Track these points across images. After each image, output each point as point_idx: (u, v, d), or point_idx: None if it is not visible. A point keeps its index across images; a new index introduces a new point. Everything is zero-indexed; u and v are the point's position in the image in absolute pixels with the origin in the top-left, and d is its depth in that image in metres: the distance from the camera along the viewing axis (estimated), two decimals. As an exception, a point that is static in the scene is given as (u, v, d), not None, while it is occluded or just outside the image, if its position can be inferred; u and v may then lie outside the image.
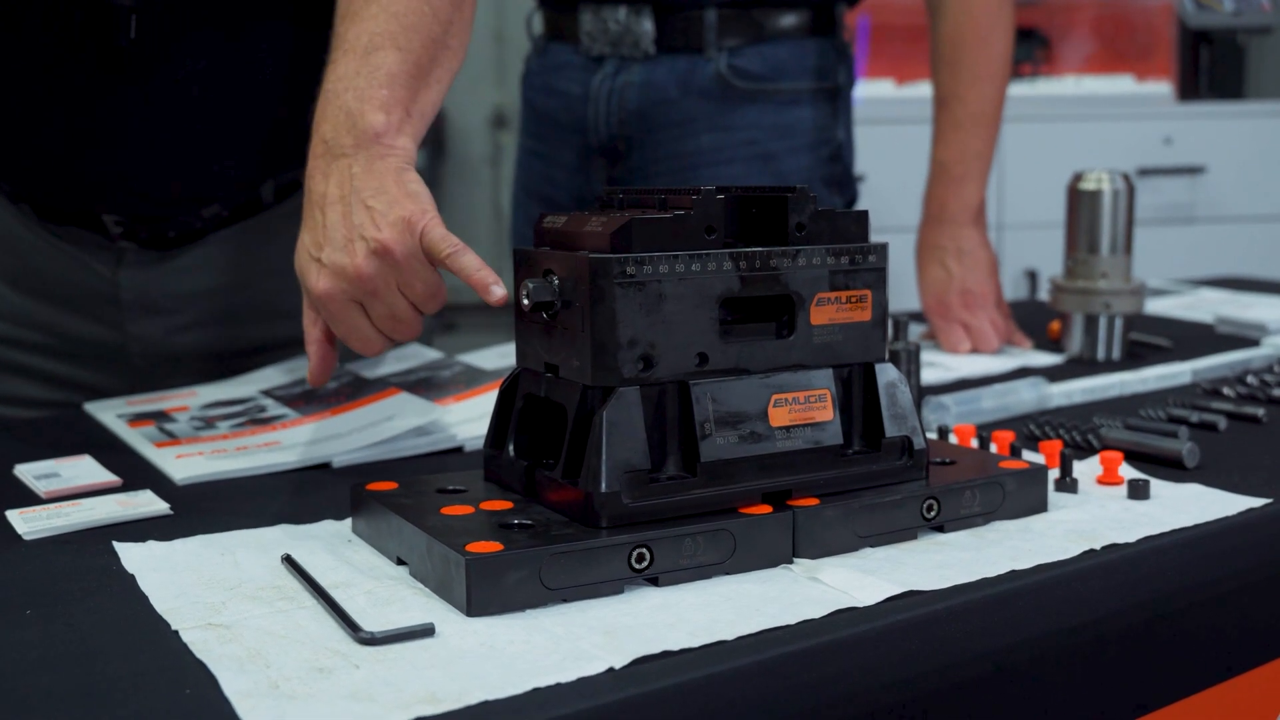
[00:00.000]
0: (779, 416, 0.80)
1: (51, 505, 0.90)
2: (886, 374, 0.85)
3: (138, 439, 1.09)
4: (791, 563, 0.78)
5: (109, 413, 1.20)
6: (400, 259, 0.92)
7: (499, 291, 0.88)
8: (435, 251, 0.92)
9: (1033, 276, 2.89)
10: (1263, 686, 0.86)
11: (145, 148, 1.20)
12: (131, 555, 0.80)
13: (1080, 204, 1.45)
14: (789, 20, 1.65)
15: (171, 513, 0.90)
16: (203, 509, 0.91)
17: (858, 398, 0.85)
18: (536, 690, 0.60)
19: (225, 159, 1.24)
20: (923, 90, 3.15)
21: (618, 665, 0.62)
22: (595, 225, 0.78)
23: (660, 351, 0.77)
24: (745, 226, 0.82)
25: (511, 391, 0.86)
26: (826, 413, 0.82)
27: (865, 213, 0.84)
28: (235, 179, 1.26)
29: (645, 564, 0.73)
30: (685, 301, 0.77)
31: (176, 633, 0.67)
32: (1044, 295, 2.30)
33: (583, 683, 0.61)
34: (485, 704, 0.59)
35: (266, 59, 1.21)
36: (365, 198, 0.94)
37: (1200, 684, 0.82)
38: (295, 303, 1.02)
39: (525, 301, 0.79)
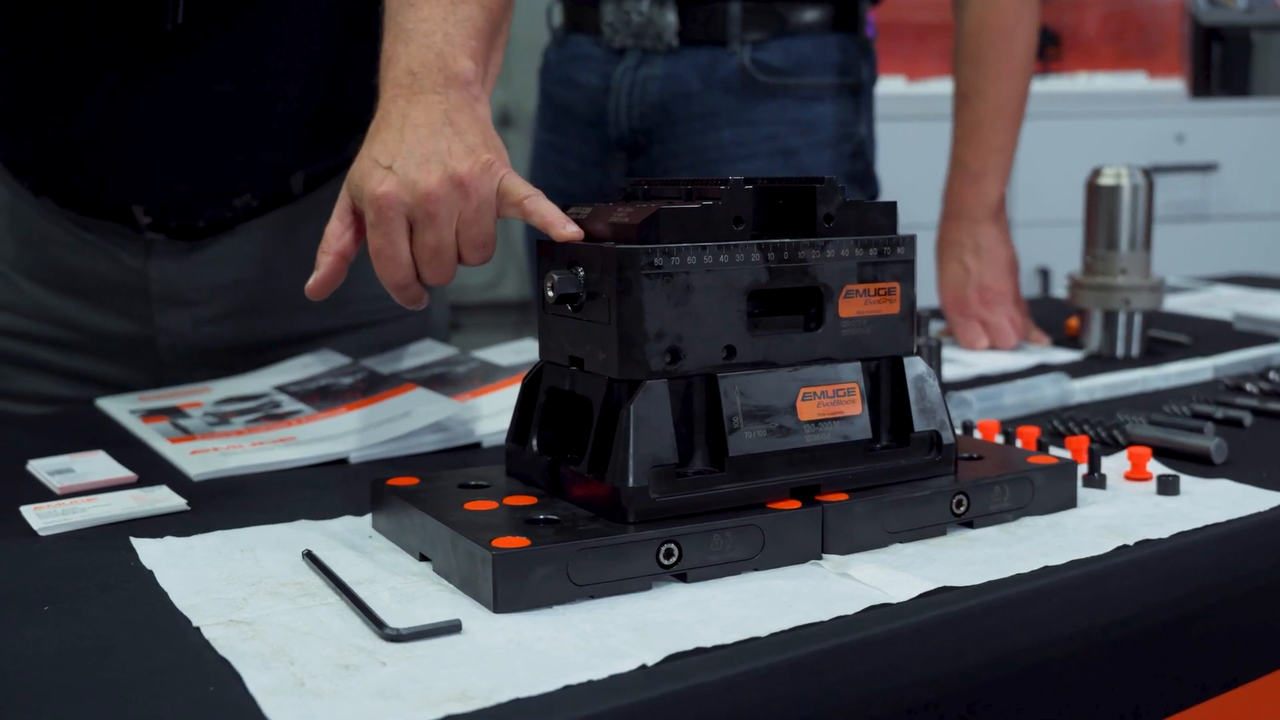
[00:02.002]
0: (807, 410, 0.79)
1: (67, 501, 0.89)
2: (915, 367, 0.84)
3: (151, 435, 1.08)
4: (820, 558, 0.76)
5: (121, 408, 1.18)
6: (473, 195, 0.89)
7: (574, 229, 0.83)
8: (514, 193, 0.89)
9: (1045, 274, 2.88)
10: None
11: (180, 137, 1.19)
12: (150, 551, 0.79)
13: (1099, 199, 1.43)
14: (812, 15, 1.63)
15: (188, 508, 0.89)
16: (220, 505, 0.90)
17: (886, 391, 0.83)
18: (568, 688, 0.59)
19: (260, 148, 1.23)
20: (934, 87, 3.14)
21: (650, 662, 0.61)
22: (621, 216, 0.77)
23: (688, 344, 0.75)
24: (772, 218, 0.80)
25: (534, 385, 0.85)
26: (855, 407, 0.81)
27: (893, 204, 0.83)
28: (268, 169, 1.25)
29: (674, 560, 0.72)
30: (713, 293, 0.76)
31: (198, 629, 0.66)
32: (1057, 292, 2.29)
33: (615, 680, 0.60)
34: (516, 701, 0.57)
35: (306, 47, 1.20)
36: (456, 130, 0.91)
37: (1235, 680, 0.81)
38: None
39: (550, 294, 0.78)
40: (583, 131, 1.70)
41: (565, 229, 0.81)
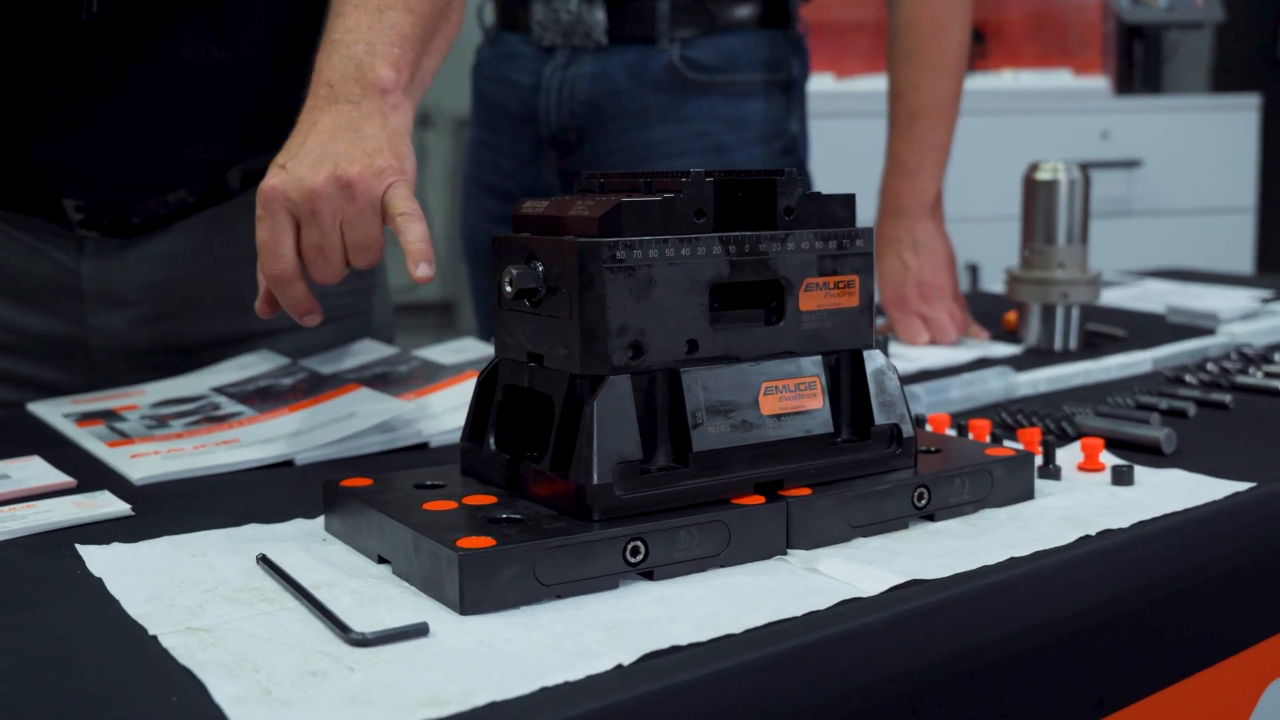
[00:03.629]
0: (770, 405, 0.78)
1: (5, 508, 0.86)
2: (875, 360, 0.83)
3: (88, 439, 1.05)
4: (785, 554, 0.76)
5: (55, 412, 1.15)
6: (358, 198, 0.91)
7: (426, 271, 0.88)
8: (392, 206, 0.91)
9: (974, 269, 2.90)
10: (1254, 664, 0.86)
11: (108, 129, 1.16)
12: (97, 558, 0.76)
13: (1036, 194, 1.44)
14: (742, 11, 1.63)
15: (133, 514, 0.86)
16: (165, 509, 0.87)
17: (846, 385, 0.83)
18: (545, 690, 0.57)
19: (192, 142, 1.20)
20: (862, 84, 3.15)
21: (626, 662, 0.60)
22: (581, 209, 0.76)
23: (650, 339, 0.74)
24: (733, 211, 0.79)
25: (490, 382, 0.83)
26: (816, 400, 0.80)
27: (852, 196, 0.83)
28: (202, 163, 1.22)
29: (640, 558, 0.71)
30: (675, 287, 0.75)
31: (155, 638, 0.64)
32: (985, 287, 2.31)
33: (591, 681, 0.59)
34: (493, 705, 0.56)
35: (238, 37, 1.17)
36: (357, 135, 0.93)
37: (1198, 665, 0.81)
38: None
39: (508, 289, 0.76)
40: (515, 129, 1.69)
41: (419, 268, 0.83)
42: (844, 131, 2.60)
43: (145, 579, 0.73)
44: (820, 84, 3.20)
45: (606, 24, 1.61)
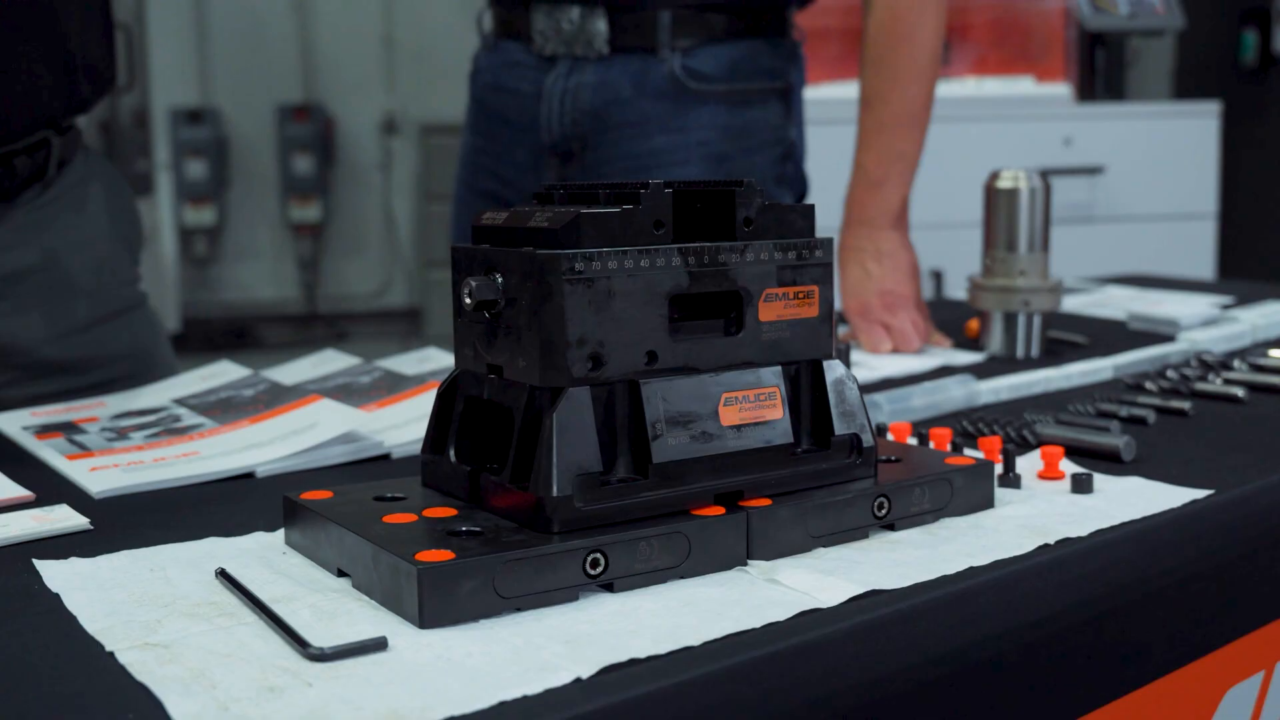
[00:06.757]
0: (729, 415, 0.78)
1: (-39, 523, 0.85)
2: (834, 370, 0.83)
3: (47, 451, 1.04)
4: (746, 565, 0.76)
5: (13, 424, 1.14)
6: None
7: None
8: None
9: (938, 276, 2.91)
10: (1213, 670, 0.86)
11: None
12: (54, 573, 0.76)
13: (998, 202, 1.45)
14: (741, 21, 1.63)
15: (92, 528, 0.85)
16: (124, 523, 0.87)
17: (805, 395, 0.83)
18: (503, 704, 0.57)
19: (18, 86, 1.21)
20: (825, 92, 3.17)
21: (585, 675, 0.60)
22: (540, 220, 0.76)
23: (609, 350, 0.74)
24: (692, 222, 0.79)
25: (450, 394, 0.83)
26: (776, 411, 0.80)
27: (811, 206, 0.83)
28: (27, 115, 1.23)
29: (600, 569, 0.71)
30: (634, 298, 0.75)
31: (111, 654, 0.64)
32: (949, 294, 2.32)
33: (550, 694, 0.59)
34: (451, 720, 0.56)
35: None
36: None
37: (1157, 672, 0.82)
38: (124, 273, 0.99)
39: (467, 301, 0.76)
40: (515, 137, 1.69)
41: None
42: (812, 138, 2.60)
43: (103, 594, 0.72)
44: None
45: (608, 34, 1.61)
